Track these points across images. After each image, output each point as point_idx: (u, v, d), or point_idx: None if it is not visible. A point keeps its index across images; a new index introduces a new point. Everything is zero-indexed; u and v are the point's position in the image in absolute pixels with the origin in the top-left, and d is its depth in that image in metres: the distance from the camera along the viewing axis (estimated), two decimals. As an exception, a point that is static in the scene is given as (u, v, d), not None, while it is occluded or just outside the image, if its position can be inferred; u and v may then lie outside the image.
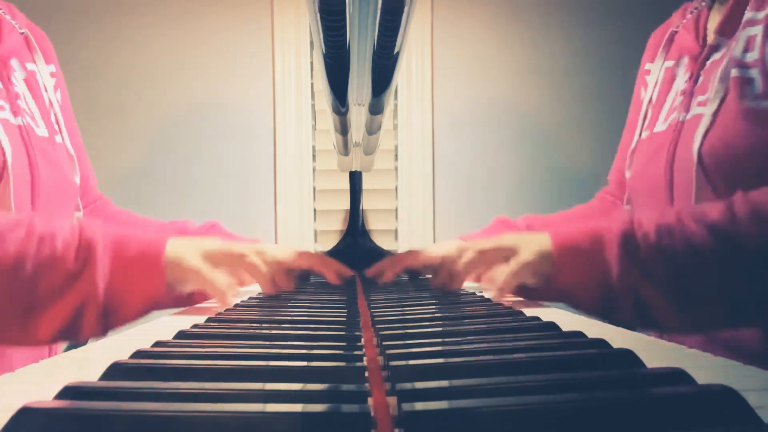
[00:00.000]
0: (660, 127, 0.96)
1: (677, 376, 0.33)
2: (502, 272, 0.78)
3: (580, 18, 1.82)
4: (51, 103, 1.01)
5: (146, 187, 1.78)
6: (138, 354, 0.42)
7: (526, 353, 0.40)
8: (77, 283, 0.70)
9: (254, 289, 1.01)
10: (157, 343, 0.46)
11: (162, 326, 0.65)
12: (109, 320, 0.72)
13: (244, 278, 0.98)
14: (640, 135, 1.02)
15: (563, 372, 0.36)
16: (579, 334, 0.47)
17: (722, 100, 0.83)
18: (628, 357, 0.38)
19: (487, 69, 1.82)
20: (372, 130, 0.95)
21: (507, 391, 0.31)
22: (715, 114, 0.83)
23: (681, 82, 0.95)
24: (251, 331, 0.54)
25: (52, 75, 1.05)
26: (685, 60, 0.96)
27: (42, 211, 0.89)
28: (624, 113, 1.82)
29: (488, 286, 0.86)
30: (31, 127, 0.92)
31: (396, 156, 1.82)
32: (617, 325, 0.76)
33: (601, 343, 0.43)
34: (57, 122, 1.01)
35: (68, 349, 0.73)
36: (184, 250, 0.75)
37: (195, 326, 0.55)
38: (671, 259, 0.71)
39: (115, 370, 0.36)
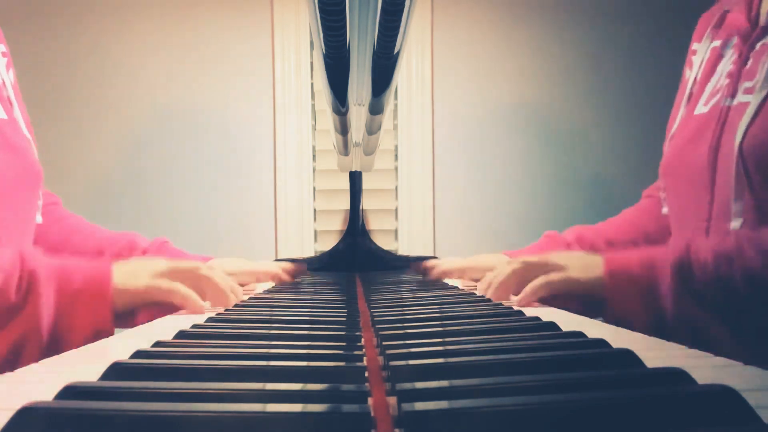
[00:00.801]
0: (701, 108, 0.92)
1: (677, 376, 0.33)
2: (534, 283, 0.76)
3: (581, 18, 1.82)
4: (4, 83, 0.94)
5: (145, 187, 1.78)
6: (138, 354, 0.42)
7: (526, 353, 0.40)
8: (18, 318, 0.66)
9: (250, 290, 1.01)
10: (157, 343, 0.46)
11: (162, 326, 0.65)
12: (51, 352, 0.67)
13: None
14: (680, 116, 0.98)
15: (563, 372, 0.36)
16: (579, 334, 0.47)
17: None
18: (628, 357, 0.38)
19: (486, 69, 1.82)
20: (372, 130, 0.95)
21: (507, 391, 0.31)
22: (761, 106, 0.80)
23: (728, 63, 0.91)
24: (251, 331, 0.54)
25: (3, 55, 0.98)
26: (734, 40, 0.91)
27: (1, 200, 0.82)
28: (624, 115, 1.82)
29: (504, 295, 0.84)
30: None
31: (396, 156, 1.82)
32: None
33: (601, 343, 0.43)
34: (11, 103, 0.94)
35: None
36: (132, 276, 0.73)
37: (195, 326, 0.55)
38: (730, 289, 0.69)
39: (115, 370, 0.36)
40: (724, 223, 0.82)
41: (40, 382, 0.40)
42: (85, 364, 0.46)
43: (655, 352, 0.46)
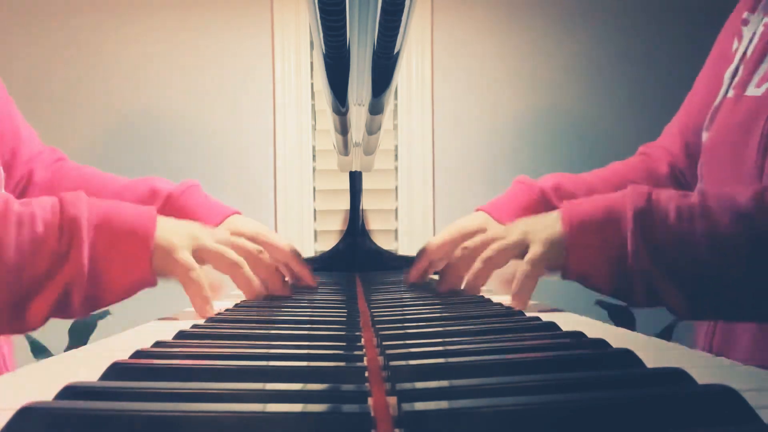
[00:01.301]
0: (753, 90, 0.85)
1: (677, 376, 0.33)
2: (516, 278, 0.72)
3: (581, 18, 1.82)
4: None
5: (146, 187, 1.78)
6: (138, 354, 0.41)
7: (526, 353, 0.40)
8: (65, 265, 0.67)
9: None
10: (157, 343, 0.46)
11: (162, 326, 0.65)
12: (94, 300, 0.69)
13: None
14: (726, 93, 0.90)
15: (563, 372, 0.36)
16: (579, 334, 0.47)
17: None
18: (627, 357, 0.38)
19: (486, 69, 1.82)
20: (372, 130, 0.95)
21: (507, 391, 0.31)
22: None
23: None
24: (251, 331, 0.54)
25: None
26: None
27: None
28: (627, 115, 1.82)
29: (504, 289, 0.81)
30: None
31: (396, 156, 1.82)
32: (634, 306, 0.72)
33: (601, 343, 0.43)
34: None
35: (68, 349, 0.73)
36: (176, 239, 0.71)
37: (195, 326, 0.55)
38: (687, 245, 0.66)
39: (115, 370, 0.36)
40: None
41: (40, 382, 0.40)
42: (85, 364, 0.46)
43: (655, 352, 0.46)
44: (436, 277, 1.09)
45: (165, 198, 1.01)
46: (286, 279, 0.87)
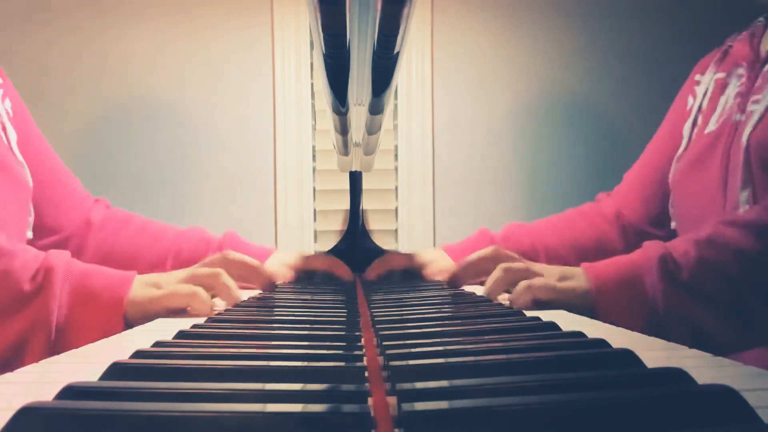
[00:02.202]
0: (711, 128, 0.96)
1: (677, 376, 0.33)
2: (539, 280, 0.74)
3: (581, 19, 1.82)
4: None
5: (144, 187, 1.78)
6: (138, 354, 0.41)
7: (526, 353, 0.40)
8: (28, 308, 0.67)
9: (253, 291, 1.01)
10: (157, 343, 0.46)
11: (162, 326, 0.65)
12: (58, 349, 0.68)
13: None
14: (688, 141, 1.01)
15: (563, 372, 0.36)
16: (579, 334, 0.47)
17: None
18: (628, 357, 0.38)
19: (487, 69, 1.82)
20: (372, 130, 0.95)
21: (507, 391, 0.31)
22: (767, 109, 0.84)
23: (735, 87, 0.96)
24: (251, 331, 0.54)
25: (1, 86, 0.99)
26: (740, 70, 0.97)
27: None
28: (628, 117, 1.81)
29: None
30: None
31: (396, 156, 1.82)
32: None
33: (601, 343, 0.43)
34: (4, 129, 0.94)
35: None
36: (154, 285, 0.73)
37: (195, 326, 0.55)
38: (718, 268, 0.69)
39: (115, 370, 0.36)
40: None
41: (40, 382, 0.40)
42: (85, 364, 0.46)
43: (655, 352, 0.46)
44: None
45: (217, 247, 1.09)
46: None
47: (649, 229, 1.08)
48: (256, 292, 0.94)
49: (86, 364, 0.45)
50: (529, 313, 0.61)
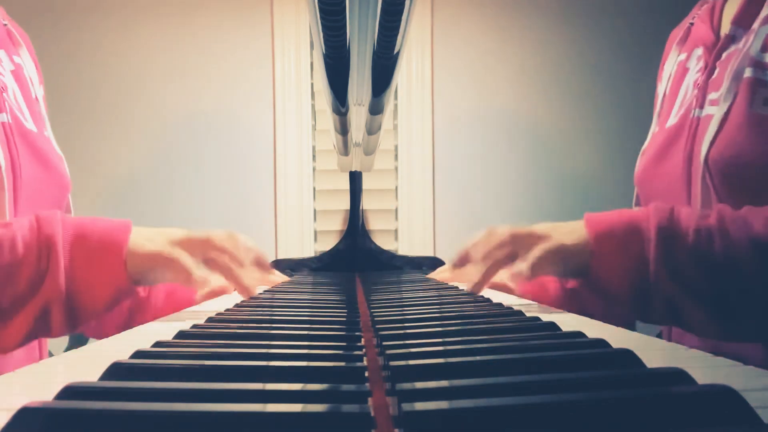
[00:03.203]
0: (672, 120, 0.91)
1: (677, 376, 0.33)
2: (530, 256, 0.73)
3: (583, 18, 1.82)
4: (37, 99, 0.97)
5: (144, 187, 1.78)
6: (138, 354, 0.41)
7: (526, 353, 0.40)
8: (43, 284, 0.67)
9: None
10: (157, 343, 0.46)
11: (162, 326, 0.65)
12: (76, 315, 0.70)
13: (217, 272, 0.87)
14: (652, 131, 0.98)
15: (563, 372, 0.36)
16: (579, 334, 0.47)
17: (732, 103, 0.79)
18: (628, 357, 0.38)
19: (487, 69, 1.82)
20: (372, 130, 0.96)
21: (507, 391, 0.31)
22: (724, 119, 0.79)
23: (693, 74, 0.91)
24: (251, 331, 0.54)
25: (37, 70, 1.01)
26: (699, 51, 0.91)
27: (25, 214, 0.83)
28: (628, 116, 1.82)
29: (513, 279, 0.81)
30: (20, 121, 0.87)
31: (396, 156, 1.82)
32: (649, 323, 0.73)
33: (601, 343, 0.43)
34: (42, 119, 0.97)
35: (68, 349, 0.73)
36: (148, 240, 0.73)
37: (195, 326, 0.55)
38: (707, 265, 0.68)
39: (115, 370, 0.36)
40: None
41: (40, 382, 0.40)
42: (85, 364, 0.46)
43: (655, 352, 0.46)
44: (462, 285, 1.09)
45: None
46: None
47: None
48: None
49: (86, 364, 0.45)
50: (529, 313, 0.61)
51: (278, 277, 1.04)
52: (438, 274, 1.11)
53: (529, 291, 0.91)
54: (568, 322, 0.61)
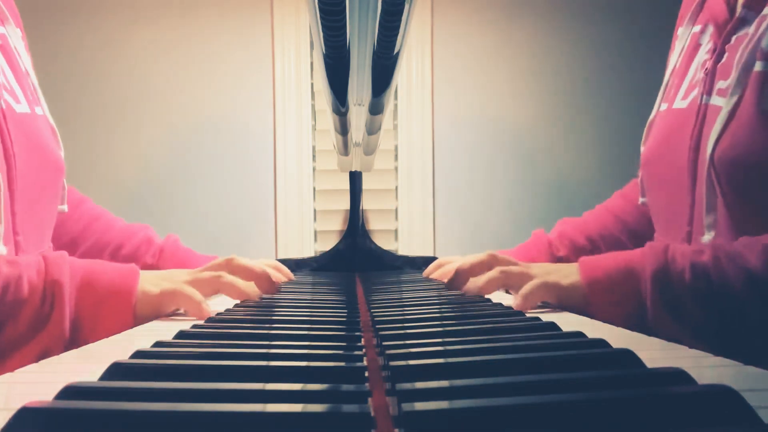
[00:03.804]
0: (679, 103, 0.88)
1: (677, 376, 0.33)
2: (524, 288, 0.73)
3: (584, 19, 1.82)
4: (27, 72, 0.93)
5: (144, 186, 1.78)
6: (138, 354, 0.41)
7: (526, 353, 0.40)
8: (45, 329, 0.67)
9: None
10: (157, 343, 0.46)
11: (162, 326, 0.65)
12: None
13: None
14: (659, 107, 0.94)
15: (563, 372, 0.36)
16: (579, 334, 0.47)
17: (740, 97, 0.76)
18: (628, 357, 0.38)
19: (487, 69, 1.82)
20: (372, 130, 0.96)
21: (507, 391, 0.31)
22: (731, 114, 0.77)
23: (703, 53, 0.86)
24: (251, 331, 0.54)
25: (22, 39, 0.97)
26: (711, 29, 0.86)
27: (21, 203, 0.82)
28: (630, 115, 1.81)
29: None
30: (10, 105, 0.84)
31: (396, 156, 1.82)
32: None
33: (601, 343, 0.43)
34: (35, 91, 0.93)
35: (68, 348, 0.72)
36: (156, 285, 0.73)
37: (195, 326, 0.55)
38: (705, 303, 0.67)
39: (115, 370, 0.36)
40: (702, 231, 0.80)
41: (40, 382, 0.40)
42: (85, 364, 0.46)
43: (655, 352, 0.46)
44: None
45: (157, 249, 1.11)
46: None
47: None
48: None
49: (86, 364, 0.45)
50: (529, 313, 0.61)
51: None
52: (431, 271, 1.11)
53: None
54: (568, 322, 0.62)
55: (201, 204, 1.78)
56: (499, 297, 0.84)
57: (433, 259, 1.30)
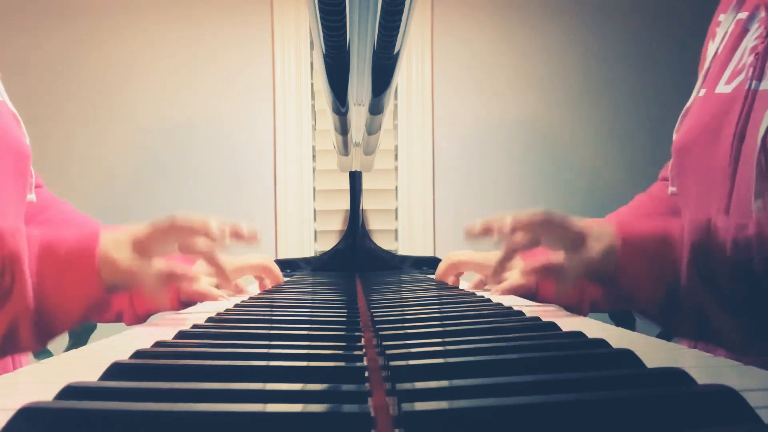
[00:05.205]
0: (723, 88, 0.84)
1: (677, 376, 0.33)
2: (569, 271, 0.71)
3: (583, 19, 1.82)
4: None
5: (144, 186, 1.78)
6: (138, 354, 0.41)
7: (526, 353, 0.40)
8: (8, 302, 0.65)
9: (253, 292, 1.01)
10: (157, 343, 0.46)
11: (162, 326, 0.65)
12: (47, 330, 0.68)
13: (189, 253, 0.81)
14: (697, 93, 0.90)
15: (563, 372, 0.36)
16: (579, 334, 0.47)
17: None
18: (628, 357, 0.38)
19: (486, 69, 1.82)
20: (372, 130, 0.96)
21: (507, 391, 0.31)
22: None
23: (752, 38, 0.83)
24: (251, 330, 0.54)
25: None
26: (762, 14, 0.83)
27: None
28: (630, 115, 1.82)
29: (526, 278, 0.79)
30: None
31: (396, 156, 1.82)
32: (677, 335, 0.70)
33: (601, 343, 0.43)
34: None
35: (68, 349, 0.72)
36: (116, 245, 0.69)
37: (195, 326, 0.55)
38: (746, 279, 0.65)
39: (115, 370, 0.36)
40: (742, 218, 0.76)
41: (40, 382, 0.40)
42: (85, 364, 0.46)
43: (655, 352, 0.46)
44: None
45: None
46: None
47: None
48: (254, 293, 0.94)
49: (86, 364, 0.45)
50: (529, 314, 0.61)
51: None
52: (453, 259, 1.06)
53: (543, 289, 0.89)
54: (568, 322, 0.62)
55: (200, 204, 1.78)
56: (499, 297, 0.84)
57: (434, 259, 1.30)
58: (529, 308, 0.73)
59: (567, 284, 0.72)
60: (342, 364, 0.38)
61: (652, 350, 0.47)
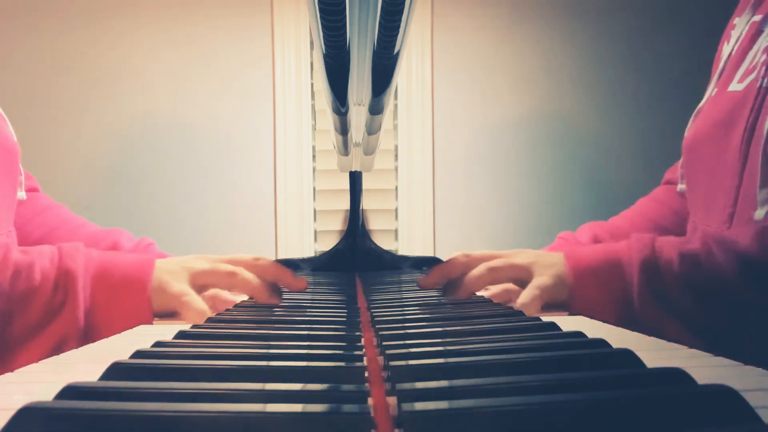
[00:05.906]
0: (735, 86, 0.85)
1: (677, 376, 0.33)
2: (525, 297, 0.72)
3: (582, 19, 1.82)
4: None
5: (145, 186, 1.78)
6: (138, 354, 0.41)
7: (526, 353, 0.40)
8: (58, 317, 0.67)
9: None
10: (157, 343, 0.46)
11: (162, 326, 0.65)
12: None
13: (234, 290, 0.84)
14: (710, 93, 0.90)
15: (563, 372, 0.36)
16: (579, 334, 0.47)
17: None
18: (627, 357, 0.38)
19: (487, 69, 1.82)
20: (372, 130, 0.95)
21: (507, 391, 0.31)
22: None
23: (766, 38, 0.83)
24: (251, 331, 0.54)
25: None
26: None
27: None
28: (630, 116, 1.81)
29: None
30: None
31: (396, 156, 1.82)
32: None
33: (600, 343, 0.43)
34: None
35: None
36: (171, 276, 0.72)
37: (195, 326, 0.55)
38: (695, 291, 0.66)
39: (115, 370, 0.36)
40: (749, 210, 0.77)
41: (40, 382, 0.40)
42: (85, 364, 0.46)
43: (655, 352, 0.46)
44: None
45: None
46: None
47: None
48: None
49: (86, 364, 0.45)
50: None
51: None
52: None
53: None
54: (568, 322, 0.62)
55: (201, 204, 1.78)
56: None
57: (434, 258, 1.30)
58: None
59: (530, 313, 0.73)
60: (342, 364, 0.38)
61: (652, 350, 0.47)
